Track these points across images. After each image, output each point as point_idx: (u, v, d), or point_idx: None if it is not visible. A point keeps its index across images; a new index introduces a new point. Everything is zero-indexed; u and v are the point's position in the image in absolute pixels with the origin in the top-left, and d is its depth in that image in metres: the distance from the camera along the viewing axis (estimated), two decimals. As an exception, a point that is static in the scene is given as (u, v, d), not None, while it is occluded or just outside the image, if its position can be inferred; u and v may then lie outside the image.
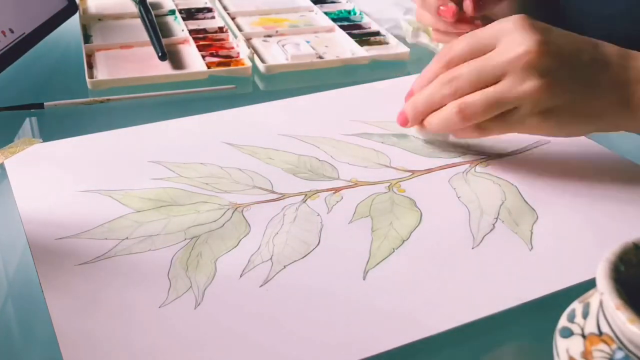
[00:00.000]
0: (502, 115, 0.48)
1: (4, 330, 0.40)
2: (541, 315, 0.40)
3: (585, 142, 0.57)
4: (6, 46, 0.65)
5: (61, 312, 0.39)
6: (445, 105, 0.50)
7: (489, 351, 0.40)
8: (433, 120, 0.51)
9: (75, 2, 0.77)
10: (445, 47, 0.52)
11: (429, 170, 0.53)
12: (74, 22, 0.77)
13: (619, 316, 0.28)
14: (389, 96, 0.64)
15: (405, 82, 0.67)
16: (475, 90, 0.48)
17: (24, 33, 0.68)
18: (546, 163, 0.54)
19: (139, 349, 0.37)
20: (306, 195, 0.50)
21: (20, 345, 0.39)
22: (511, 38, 0.47)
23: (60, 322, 0.38)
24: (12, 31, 0.66)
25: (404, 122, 0.53)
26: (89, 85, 0.66)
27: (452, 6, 0.64)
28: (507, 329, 0.40)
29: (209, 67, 0.70)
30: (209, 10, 0.87)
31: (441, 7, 0.64)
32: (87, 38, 0.76)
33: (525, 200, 0.49)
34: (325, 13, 0.85)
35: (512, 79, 0.47)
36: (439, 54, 0.51)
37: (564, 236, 0.46)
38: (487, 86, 0.48)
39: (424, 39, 0.77)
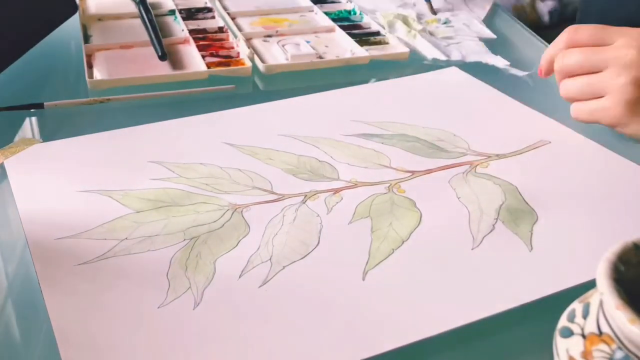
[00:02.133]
0: (595, 100, 0.55)
1: (2, 330, 0.40)
2: (541, 315, 0.40)
3: (585, 142, 0.57)
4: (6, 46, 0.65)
5: (60, 312, 0.39)
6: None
7: (488, 351, 0.40)
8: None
9: (75, 2, 0.77)
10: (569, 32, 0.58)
11: (429, 171, 0.53)
12: (74, 22, 0.77)
13: (619, 316, 0.28)
14: (389, 96, 0.64)
15: (405, 83, 0.67)
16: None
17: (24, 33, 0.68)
18: (546, 164, 0.54)
19: (137, 350, 0.37)
20: (306, 196, 0.50)
21: (19, 345, 0.39)
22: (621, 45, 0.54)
23: (58, 322, 0.38)
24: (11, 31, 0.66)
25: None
26: (88, 85, 0.66)
27: None
28: (507, 329, 0.40)
29: (208, 67, 0.70)
30: (209, 10, 0.86)
31: None
32: (87, 38, 0.76)
33: (525, 201, 0.49)
34: (326, 13, 0.85)
35: (610, 72, 0.54)
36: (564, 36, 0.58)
37: (564, 237, 0.46)
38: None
39: (400, 32, 0.77)
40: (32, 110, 0.62)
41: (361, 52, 0.74)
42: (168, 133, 0.58)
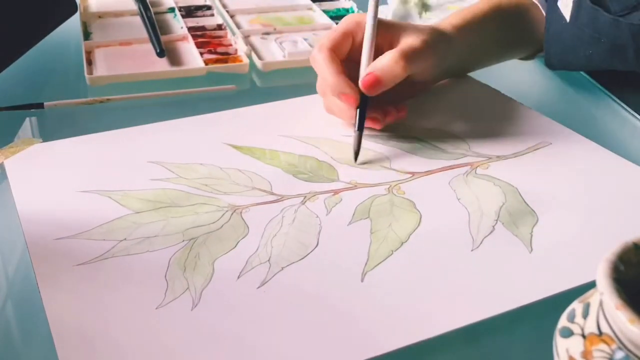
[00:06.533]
0: None
1: (1, 330, 0.40)
2: (541, 315, 0.40)
3: (586, 143, 0.57)
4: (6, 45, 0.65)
5: (58, 312, 0.39)
6: None
7: (488, 352, 0.40)
8: None
9: (75, 2, 0.77)
10: None
11: (429, 172, 0.53)
12: (74, 22, 0.77)
13: (619, 316, 0.28)
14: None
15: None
16: None
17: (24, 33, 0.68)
18: (547, 165, 0.54)
19: (135, 350, 0.37)
20: (305, 197, 0.49)
21: (18, 345, 0.39)
22: None
23: (56, 322, 0.38)
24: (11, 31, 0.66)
25: None
26: (88, 82, 0.66)
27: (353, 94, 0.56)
28: (506, 329, 0.40)
29: (206, 64, 0.70)
30: (208, 7, 0.87)
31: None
32: (87, 35, 0.77)
33: (525, 202, 0.49)
34: (324, 11, 0.85)
35: None
36: None
37: (564, 238, 0.46)
38: None
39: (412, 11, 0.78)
40: (32, 110, 0.62)
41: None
42: (168, 133, 0.58)
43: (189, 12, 0.85)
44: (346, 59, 0.57)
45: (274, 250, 0.44)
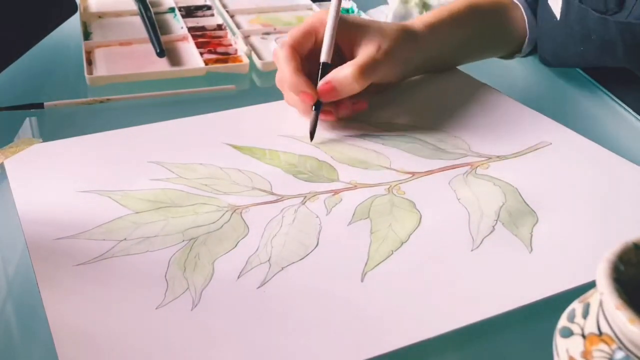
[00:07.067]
0: None
1: (0, 330, 0.40)
2: (541, 315, 0.40)
3: (586, 143, 0.56)
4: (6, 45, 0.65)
5: (58, 312, 0.39)
6: None
7: (488, 352, 0.40)
8: None
9: (75, 3, 0.77)
10: None
11: (430, 172, 0.53)
12: (74, 21, 0.77)
13: (619, 316, 0.28)
14: (389, 97, 0.64)
15: (405, 84, 0.66)
16: None
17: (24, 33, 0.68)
18: (547, 165, 0.54)
19: (135, 350, 0.36)
20: (305, 197, 0.49)
21: (17, 345, 0.39)
22: None
23: (56, 322, 0.38)
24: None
25: None
26: (87, 82, 0.66)
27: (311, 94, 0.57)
28: (506, 329, 0.40)
29: (206, 64, 0.70)
30: (208, 8, 0.87)
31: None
32: (87, 35, 0.77)
33: (525, 203, 0.49)
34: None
35: None
36: None
37: (564, 239, 0.46)
38: None
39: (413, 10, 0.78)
40: (32, 110, 0.62)
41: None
42: (168, 133, 0.58)
43: (189, 12, 0.85)
44: (309, 55, 0.58)
45: (274, 250, 0.44)
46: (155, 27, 0.76)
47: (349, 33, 0.58)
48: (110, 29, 0.79)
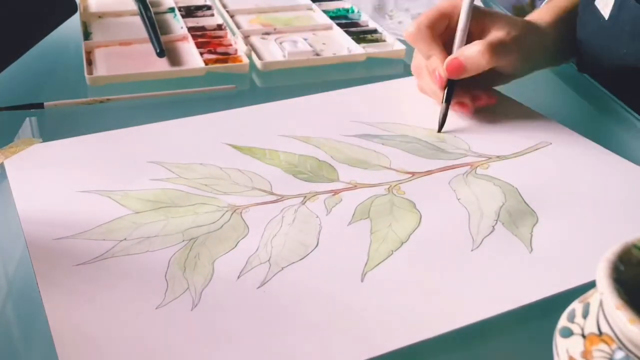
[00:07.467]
0: None
1: (1, 330, 0.40)
2: (541, 315, 0.40)
3: (586, 144, 0.56)
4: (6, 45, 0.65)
5: (58, 312, 0.39)
6: None
7: (488, 352, 0.40)
8: None
9: (75, 2, 0.77)
10: None
11: (429, 172, 0.53)
12: (74, 21, 0.77)
13: (619, 316, 0.27)
14: (389, 97, 0.64)
15: (406, 84, 0.67)
16: None
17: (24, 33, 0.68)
18: (547, 165, 0.54)
19: (135, 350, 0.36)
20: (305, 197, 0.49)
21: (17, 345, 0.39)
22: None
23: (56, 322, 0.38)
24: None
25: None
26: (87, 82, 0.66)
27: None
28: (507, 329, 0.40)
29: (206, 64, 0.70)
30: (208, 7, 0.87)
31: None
32: (87, 35, 0.77)
33: (525, 202, 0.49)
34: (324, 11, 0.85)
35: None
36: None
37: (564, 238, 0.46)
38: None
39: None
40: (32, 110, 0.62)
41: (358, 49, 0.74)
42: (168, 133, 0.58)
43: (189, 12, 0.85)
44: (441, 39, 0.59)
45: (274, 250, 0.44)
46: (155, 27, 0.76)
47: (479, 21, 0.59)
48: (110, 29, 0.79)
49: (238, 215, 0.47)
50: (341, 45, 0.76)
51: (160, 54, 0.70)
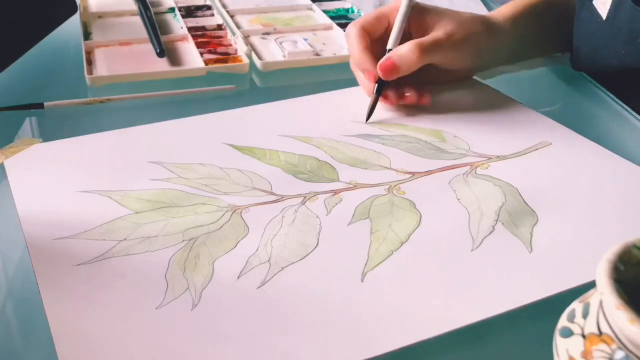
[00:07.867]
0: None
1: (1, 330, 0.40)
2: (541, 315, 0.40)
3: (586, 144, 0.56)
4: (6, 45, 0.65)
5: (58, 313, 0.39)
6: None
7: (488, 352, 0.40)
8: None
9: (75, 2, 0.77)
10: None
11: (430, 172, 0.53)
12: (74, 21, 0.77)
13: (619, 316, 0.28)
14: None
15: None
16: None
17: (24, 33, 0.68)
18: (547, 165, 0.54)
19: (135, 350, 0.36)
20: (305, 197, 0.49)
21: (18, 345, 0.39)
22: None
23: (56, 322, 0.38)
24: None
25: None
26: (87, 82, 0.66)
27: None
28: (507, 329, 0.40)
29: (206, 64, 0.70)
30: (208, 8, 0.87)
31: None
32: (87, 35, 0.77)
33: (525, 203, 0.49)
34: (324, 11, 0.85)
35: None
36: None
37: (564, 239, 0.46)
38: None
39: None
40: (32, 110, 0.62)
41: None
42: (168, 133, 0.58)
43: (189, 12, 0.85)
44: (379, 40, 0.60)
45: (274, 250, 0.44)
46: (155, 27, 0.76)
47: (423, 20, 0.60)
48: (110, 29, 0.79)
49: (238, 216, 0.47)
50: (341, 45, 0.76)
51: (160, 54, 0.70)
